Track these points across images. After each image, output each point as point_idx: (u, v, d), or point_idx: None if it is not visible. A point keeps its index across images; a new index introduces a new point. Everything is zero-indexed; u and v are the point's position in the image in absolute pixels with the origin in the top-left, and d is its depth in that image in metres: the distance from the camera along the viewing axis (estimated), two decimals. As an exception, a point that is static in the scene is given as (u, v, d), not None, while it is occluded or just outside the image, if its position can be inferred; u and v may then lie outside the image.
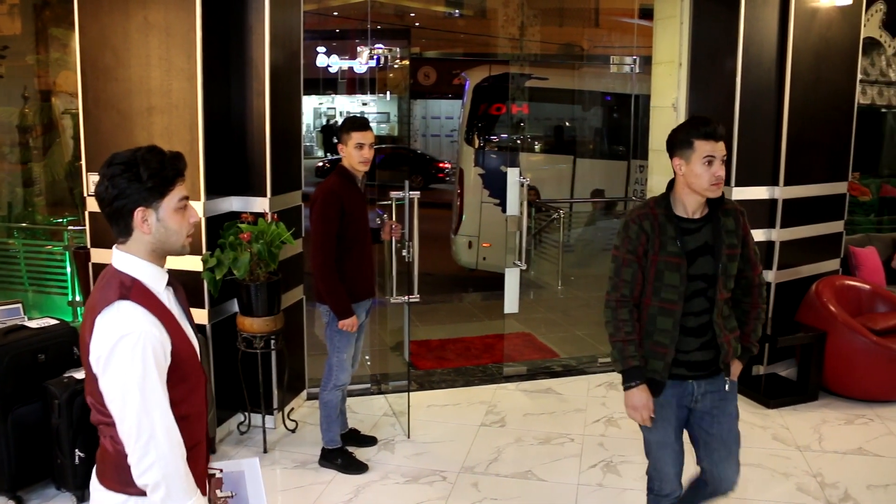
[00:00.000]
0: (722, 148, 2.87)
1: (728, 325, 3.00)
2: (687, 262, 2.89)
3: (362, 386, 5.63)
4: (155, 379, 1.90)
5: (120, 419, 1.91)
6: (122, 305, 1.92)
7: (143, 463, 1.89)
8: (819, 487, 4.22)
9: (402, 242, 4.81)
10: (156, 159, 1.98)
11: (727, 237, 2.92)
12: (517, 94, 10.01)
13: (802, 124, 5.57)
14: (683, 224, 2.92)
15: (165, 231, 2.00)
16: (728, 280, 2.94)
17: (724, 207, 2.96)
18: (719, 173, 2.84)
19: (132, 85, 4.49)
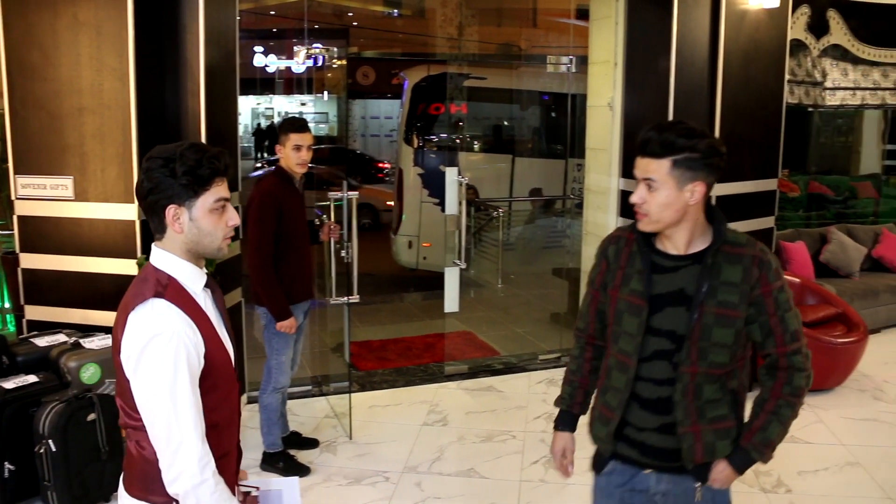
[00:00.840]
0: (644, 166, 2.13)
1: (706, 411, 2.21)
2: (649, 309, 2.19)
3: (303, 388, 5.59)
4: (186, 382, 1.81)
5: (150, 423, 1.82)
6: (156, 303, 1.84)
7: (173, 471, 1.80)
8: (753, 475, 4.33)
9: (341, 243, 4.79)
10: (194, 156, 1.87)
11: (721, 291, 2.13)
12: (456, 93, 10.03)
13: (734, 123, 5.70)
14: (658, 259, 2.21)
15: (199, 232, 1.91)
16: (712, 350, 2.15)
17: (726, 250, 2.16)
18: (635, 198, 2.16)
19: (62, 85, 4.38)
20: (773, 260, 2.17)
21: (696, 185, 2.10)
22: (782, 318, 2.16)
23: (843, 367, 5.59)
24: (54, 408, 3.69)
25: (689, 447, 2.21)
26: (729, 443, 2.24)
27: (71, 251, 4.50)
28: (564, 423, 2.51)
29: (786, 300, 2.16)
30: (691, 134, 2.09)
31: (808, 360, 2.22)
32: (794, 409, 2.23)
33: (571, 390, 2.48)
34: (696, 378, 2.17)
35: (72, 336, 4.24)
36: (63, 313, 4.55)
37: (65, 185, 4.45)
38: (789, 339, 2.17)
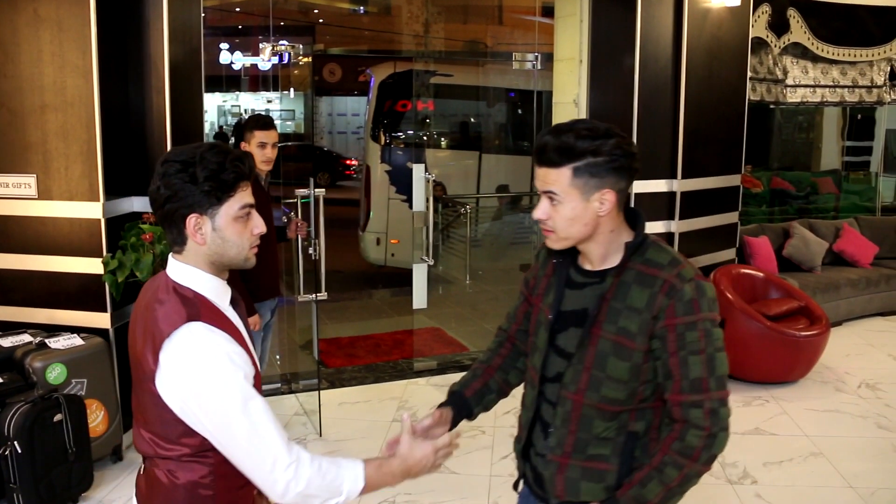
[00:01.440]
0: (543, 177, 1.86)
1: (588, 447, 1.93)
2: (555, 326, 1.97)
3: (272, 385, 5.57)
4: (255, 398, 1.69)
5: (236, 453, 1.69)
6: (194, 328, 1.68)
7: (278, 487, 1.69)
8: (720, 467, 4.40)
9: (309, 240, 4.78)
10: (216, 159, 1.70)
11: (623, 316, 1.84)
12: (422, 90, 10.03)
13: (698, 119, 5.78)
14: (573, 272, 1.97)
15: (223, 242, 1.75)
16: (605, 383, 1.87)
17: (641, 269, 1.86)
18: (538, 214, 1.90)
19: (23, 82, 4.32)
20: (692, 290, 1.80)
21: (605, 193, 1.83)
22: (684, 361, 1.80)
23: (805, 360, 5.69)
24: (20, 409, 3.64)
25: (551, 477, 1.99)
26: (601, 488, 1.92)
27: (35, 250, 4.44)
28: (448, 401, 2.19)
29: (695, 340, 1.79)
30: (593, 135, 1.80)
31: (714, 418, 1.80)
32: (680, 471, 1.82)
33: (471, 375, 2.23)
34: (582, 408, 1.90)
35: (37, 336, 4.19)
36: (28, 313, 4.49)
37: (28, 184, 4.39)
38: (687, 387, 1.80)
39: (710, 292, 1.85)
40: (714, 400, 1.81)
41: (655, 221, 5.79)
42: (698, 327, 1.80)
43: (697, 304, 1.80)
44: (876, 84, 7.83)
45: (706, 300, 1.82)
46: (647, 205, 5.74)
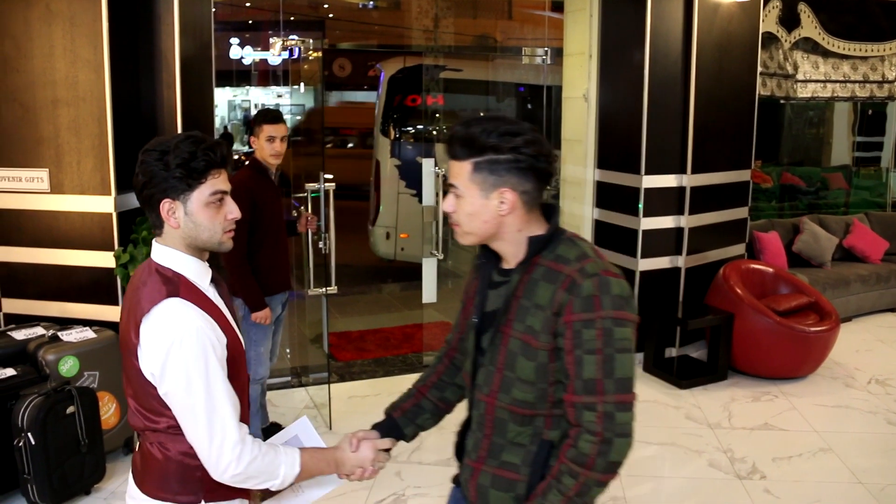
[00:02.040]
0: (449, 170, 1.84)
1: (502, 453, 1.86)
2: (480, 328, 1.91)
3: (282, 379, 5.60)
4: (219, 375, 1.80)
5: (189, 424, 1.79)
6: (172, 304, 1.79)
7: (222, 463, 1.78)
8: (729, 463, 4.40)
9: (319, 234, 4.80)
10: (188, 148, 1.80)
11: (531, 314, 1.77)
12: (432, 85, 10.03)
13: (707, 114, 5.77)
14: (494, 272, 1.92)
15: (195, 227, 1.85)
16: (515, 384, 1.80)
17: (550, 265, 1.79)
18: (445, 206, 1.86)
19: (35, 76, 4.34)
20: (592, 286, 1.71)
21: (504, 192, 1.76)
22: (579, 360, 1.71)
23: (815, 356, 5.68)
24: (33, 401, 3.67)
25: (465, 482, 1.95)
26: (510, 497, 1.84)
27: (48, 244, 4.48)
28: (378, 424, 2.14)
29: (592, 338, 1.70)
30: (500, 131, 1.74)
31: (608, 422, 1.70)
32: (576, 480, 1.71)
33: (404, 396, 2.17)
34: (495, 411, 1.84)
35: (49, 329, 4.22)
36: (40, 306, 4.52)
37: (40, 178, 4.42)
38: (581, 387, 1.71)
39: (618, 289, 1.73)
40: (609, 403, 1.71)
41: (664, 216, 5.79)
42: (596, 325, 1.70)
43: (598, 301, 1.71)
44: (887, 79, 7.80)
45: (610, 297, 1.71)
46: (655, 200, 5.74)
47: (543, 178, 1.79)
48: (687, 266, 5.91)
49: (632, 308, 1.75)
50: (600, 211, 6.18)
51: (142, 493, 1.91)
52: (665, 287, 5.90)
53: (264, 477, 1.85)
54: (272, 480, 1.87)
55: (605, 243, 6.15)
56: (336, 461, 2.01)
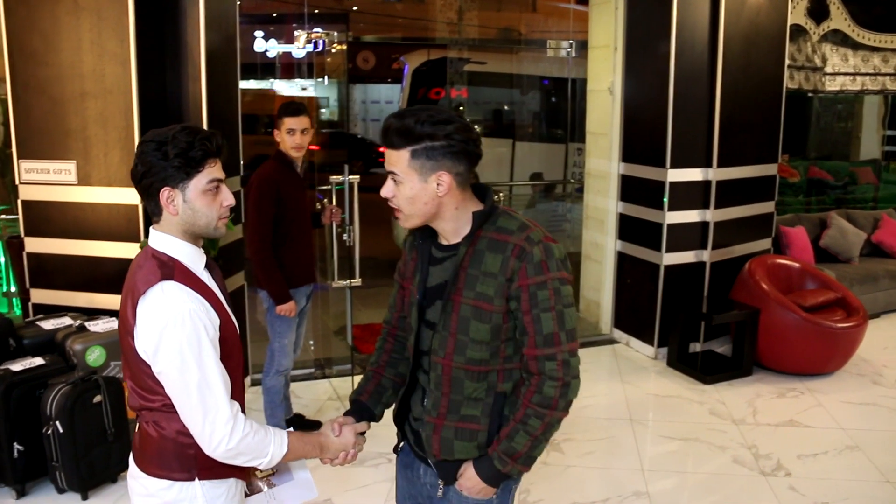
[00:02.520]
0: (387, 158, 1.98)
1: (461, 408, 2.06)
2: (424, 302, 2.09)
3: (306, 371, 5.62)
4: (211, 354, 1.87)
5: (182, 401, 1.86)
6: (166, 286, 1.86)
7: (214, 439, 1.85)
8: (753, 459, 4.37)
9: (343, 227, 4.81)
10: (186, 138, 1.88)
11: (480, 282, 1.96)
12: (456, 78, 10.03)
13: (734, 107, 5.71)
14: (434, 249, 2.09)
15: (193, 213, 1.92)
16: (469, 345, 1.99)
17: (493, 237, 1.98)
18: (384, 192, 2.02)
19: (63, 70, 4.39)
20: (540, 252, 1.93)
21: (441, 175, 1.93)
22: (537, 318, 1.94)
23: (842, 352, 5.62)
24: (61, 390, 3.72)
25: (427, 438, 2.11)
26: (473, 446, 2.07)
27: (75, 235, 4.53)
28: (349, 411, 2.25)
29: (546, 298, 1.93)
30: (433, 120, 1.90)
31: (566, 368, 1.96)
32: (543, 420, 1.98)
33: (364, 380, 2.30)
34: (451, 371, 2.03)
35: (77, 319, 4.27)
36: (68, 297, 4.58)
37: (68, 170, 4.47)
38: (541, 341, 1.95)
39: (558, 253, 1.97)
40: (565, 352, 1.96)
41: (690, 210, 5.75)
42: (548, 286, 1.93)
43: (546, 265, 1.93)
44: (919, 72, 7.67)
45: (554, 261, 1.95)
46: (681, 193, 5.70)
47: (474, 161, 1.98)
48: (712, 260, 5.86)
49: (567, 268, 1.99)
50: (625, 205, 6.15)
51: (140, 472, 1.98)
52: (690, 282, 5.86)
53: (254, 454, 1.92)
54: (261, 458, 1.94)
55: (629, 237, 6.12)
56: (321, 445, 2.12)
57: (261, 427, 1.95)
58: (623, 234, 6.20)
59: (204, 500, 1.95)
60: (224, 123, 4.85)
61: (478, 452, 2.07)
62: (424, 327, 2.09)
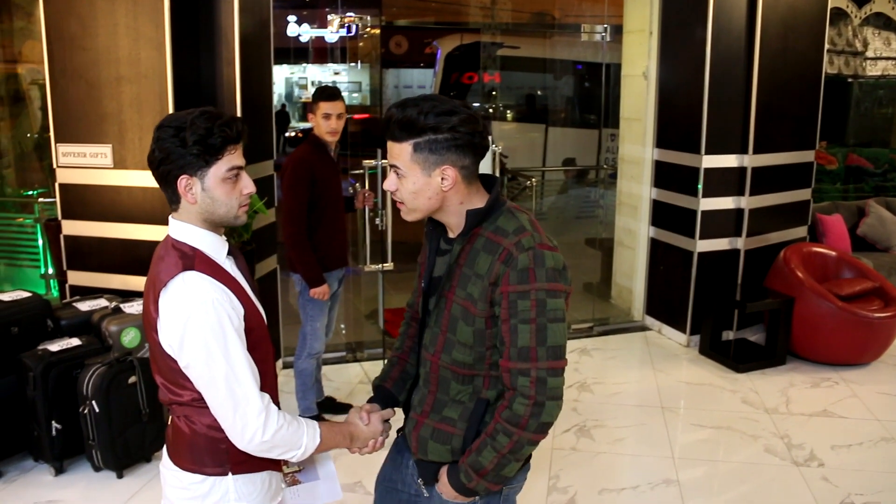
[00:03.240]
0: (389, 151, 1.92)
1: (444, 409, 2.00)
2: (428, 292, 2.04)
3: (337, 354, 5.66)
4: (237, 345, 1.81)
5: (211, 395, 1.81)
6: (187, 277, 1.81)
7: (248, 433, 1.81)
8: (786, 448, 4.33)
9: (376, 211, 4.82)
10: (204, 124, 1.80)
11: (471, 282, 1.88)
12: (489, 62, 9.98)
13: (771, 93, 5.63)
14: (442, 240, 2.04)
15: (212, 202, 1.85)
16: (456, 346, 1.93)
17: (490, 236, 1.89)
18: (387, 185, 1.95)
19: (99, 54, 4.43)
20: (528, 259, 1.81)
21: (445, 169, 1.85)
22: (514, 329, 1.82)
23: (879, 343, 5.54)
24: (97, 370, 3.78)
25: (409, 433, 2.08)
26: (447, 450, 1.99)
27: (111, 218, 4.59)
28: (374, 397, 2.20)
29: (526, 309, 1.81)
30: (437, 111, 1.81)
31: (540, 386, 1.82)
32: (510, 438, 1.85)
33: (389, 367, 2.25)
34: (439, 370, 1.98)
35: (112, 301, 4.33)
36: (104, 279, 4.65)
37: (104, 154, 4.52)
38: (516, 354, 1.83)
39: (552, 262, 1.83)
40: (542, 369, 1.82)
41: (724, 197, 5.68)
42: (531, 297, 1.81)
43: (533, 274, 1.81)
44: (963, 56, 7.50)
45: (544, 270, 1.82)
46: (716, 180, 5.63)
47: (480, 153, 1.89)
48: (746, 248, 5.80)
49: (564, 279, 1.87)
50: (658, 191, 6.09)
51: (174, 465, 1.95)
52: (723, 269, 5.80)
53: (288, 447, 1.88)
54: (295, 450, 1.90)
55: (662, 224, 6.07)
56: (351, 435, 2.07)
57: (293, 418, 1.91)
58: (656, 220, 6.15)
59: (237, 496, 1.92)
60: (257, 108, 4.88)
61: (450, 457, 1.99)
62: (427, 317, 2.04)
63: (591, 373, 5.35)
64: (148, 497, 3.77)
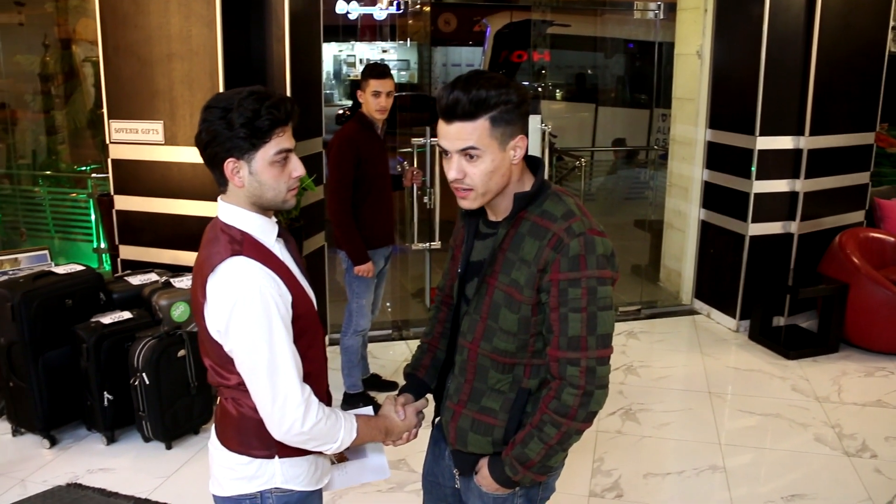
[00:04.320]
0: (457, 133, 1.79)
1: (483, 398, 1.94)
2: (465, 276, 1.98)
3: (383, 332, 5.69)
4: (282, 334, 1.77)
5: (251, 382, 1.79)
6: (236, 262, 1.77)
7: (285, 423, 1.78)
8: (837, 438, 4.24)
9: (424, 189, 4.81)
10: (252, 106, 1.74)
11: (516, 267, 1.82)
12: (539, 40, 9.88)
13: (830, 72, 5.47)
14: (482, 223, 1.97)
15: (260, 186, 1.80)
16: (497, 333, 1.87)
17: (536, 220, 1.83)
18: (454, 173, 1.83)
19: (151, 31, 4.48)
20: (579, 245, 1.76)
21: (518, 139, 1.80)
22: (564, 317, 1.77)
23: (937, 330, 5.39)
24: (147, 343, 3.85)
25: (446, 424, 2.02)
26: (488, 442, 1.94)
27: (161, 193, 4.65)
28: (406, 387, 2.17)
29: (577, 297, 1.76)
30: (496, 84, 1.76)
31: (590, 376, 1.79)
32: (559, 429, 1.81)
33: (420, 354, 2.21)
34: (478, 358, 1.92)
35: (162, 275, 4.40)
36: (154, 253, 4.72)
37: (155, 130, 4.58)
38: (565, 343, 1.78)
39: (602, 248, 1.79)
40: (591, 359, 1.79)
41: (778, 180, 5.55)
42: (581, 284, 1.76)
43: (584, 261, 1.76)
44: None
45: (595, 257, 1.77)
46: (770, 162, 5.51)
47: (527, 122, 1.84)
48: (800, 232, 5.67)
49: (613, 266, 1.82)
50: (710, 172, 5.98)
51: (220, 444, 1.95)
52: (776, 253, 5.68)
53: (324, 440, 1.86)
54: (331, 444, 1.87)
55: (714, 206, 5.96)
56: (386, 429, 2.05)
57: (332, 412, 1.88)
58: (707, 202, 6.04)
59: (283, 479, 1.91)
60: (307, 84, 4.88)
61: (492, 448, 1.94)
62: (463, 303, 1.98)
63: (637, 356, 5.29)
64: (195, 469, 3.84)
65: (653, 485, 3.78)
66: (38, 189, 7.36)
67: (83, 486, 3.64)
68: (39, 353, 3.90)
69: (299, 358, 1.83)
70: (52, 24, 8.06)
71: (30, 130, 8.10)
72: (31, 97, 8.09)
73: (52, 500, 3.53)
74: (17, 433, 4.11)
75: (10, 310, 3.81)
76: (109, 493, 3.59)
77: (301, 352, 1.84)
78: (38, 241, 6.90)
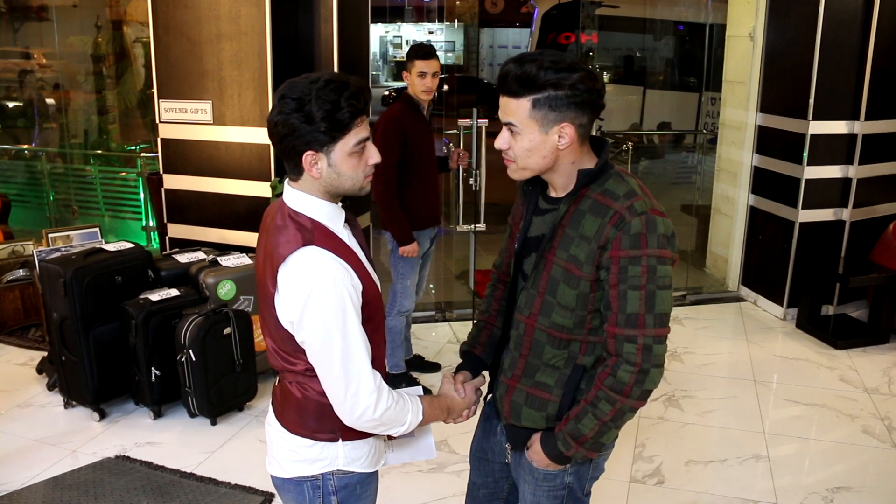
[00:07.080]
0: (504, 107, 1.84)
1: (537, 373, 1.96)
2: (522, 252, 2.00)
3: (427, 313, 5.70)
4: (355, 324, 1.77)
5: (324, 371, 1.80)
6: (308, 252, 1.75)
7: (357, 410, 1.79)
8: (886, 431, 4.16)
9: (470, 171, 4.80)
10: (330, 97, 1.70)
11: (575, 244, 1.83)
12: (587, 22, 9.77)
13: (889, 56, 5.32)
14: (541, 199, 1.98)
15: (338, 177, 1.79)
16: (556, 309, 1.88)
17: (598, 198, 1.83)
18: (499, 143, 1.88)
19: (201, 12, 4.52)
20: (640, 224, 1.76)
21: (564, 127, 1.78)
22: (623, 294, 1.78)
23: None
24: (194, 320, 3.91)
25: (500, 398, 2.04)
26: (542, 416, 1.95)
27: (209, 173, 4.70)
28: (463, 364, 2.19)
29: (637, 275, 1.77)
30: (557, 67, 1.74)
31: (646, 354, 1.80)
32: (613, 406, 1.83)
33: (476, 331, 2.23)
34: (534, 333, 1.93)
35: (210, 254, 4.46)
36: (202, 232, 4.78)
37: (204, 109, 4.63)
38: (623, 321, 1.80)
39: (663, 228, 1.79)
40: (649, 336, 1.80)
41: (831, 166, 5.43)
42: (642, 262, 1.77)
43: (645, 239, 1.77)
44: None
45: (655, 236, 1.77)
46: (822, 147, 5.39)
47: (597, 112, 1.84)
48: (852, 220, 5.54)
49: (673, 246, 1.82)
50: (760, 157, 5.87)
51: (281, 426, 1.95)
52: (826, 241, 5.57)
53: (393, 424, 1.87)
54: (398, 427, 1.89)
55: (763, 192, 5.86)
56: (448, 409, 2.07)
57: (400, 396, 1.89)
58: (757, 188, 5.94)
59: (345, 461, 1.92)
60: (354, 65, 4.89)
61: (545, 424, 1.96)
62: (521, 278, 1.99)
63: (682, 342, 5.24)
64: (240, 445, 3.90)
65: (695, 472, 3.75)
66: (89, 168, 7.51)
67: (131, 459, 3.73)
68: (90, 328, 3.98)
69: (369, 344, 1.83)
70: (104, 6, 8.19)
71: (82, 110, 8.26)
72: (84, 78, 8.24)
73: (101, 471, 3.62)
74: (69, 405, 4.22)
75: (63, 286, 3.90)
76: (156, 466, 3.67)
77: (370, 336, 1.85)
78: (89, 218, 7.05)
